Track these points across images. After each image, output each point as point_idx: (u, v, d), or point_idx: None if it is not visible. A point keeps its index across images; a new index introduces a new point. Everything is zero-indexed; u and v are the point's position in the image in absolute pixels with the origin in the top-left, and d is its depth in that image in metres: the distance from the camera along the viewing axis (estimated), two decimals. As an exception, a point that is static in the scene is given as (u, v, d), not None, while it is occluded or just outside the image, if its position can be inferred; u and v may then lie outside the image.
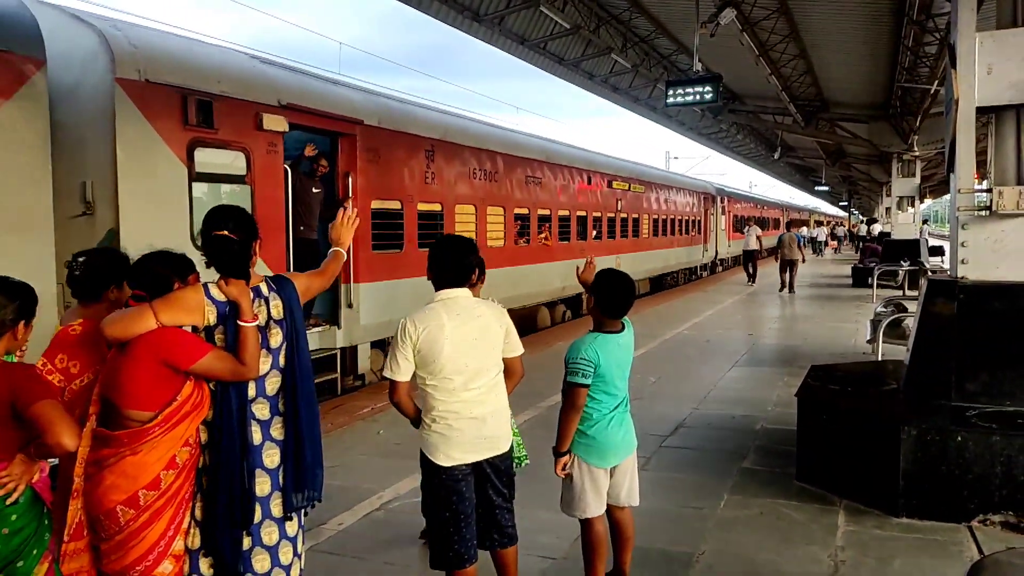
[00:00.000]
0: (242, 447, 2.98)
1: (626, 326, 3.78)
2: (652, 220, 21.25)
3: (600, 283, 3.75)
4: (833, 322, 14.04)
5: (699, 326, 13.83)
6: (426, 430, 3.33)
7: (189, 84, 6.79)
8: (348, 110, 8.77)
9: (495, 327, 3.39)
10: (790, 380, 8.59)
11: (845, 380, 5.98)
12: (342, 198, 8.86)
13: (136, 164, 6.36)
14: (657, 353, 10.85)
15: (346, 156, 8.85)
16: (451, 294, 3.34)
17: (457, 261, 3.37)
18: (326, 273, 3.46)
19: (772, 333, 12.95)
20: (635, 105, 23.76)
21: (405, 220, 9.74)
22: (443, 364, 3.24)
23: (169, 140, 6.62)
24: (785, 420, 6.96)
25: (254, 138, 7.41)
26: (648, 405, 7.76)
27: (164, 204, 6.57)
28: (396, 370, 3.27)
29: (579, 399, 3.58)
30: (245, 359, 2.94)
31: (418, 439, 3.42)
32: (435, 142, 10.45)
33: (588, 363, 3.57)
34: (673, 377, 9.28)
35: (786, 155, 33.02)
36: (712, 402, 8.03)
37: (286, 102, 7.80)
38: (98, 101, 6.27)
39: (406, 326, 3.26)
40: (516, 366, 3.53)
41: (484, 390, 3.33)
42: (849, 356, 10.09)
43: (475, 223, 11.55)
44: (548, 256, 13.95)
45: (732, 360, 10.38)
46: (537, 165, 13.71)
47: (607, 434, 3.67)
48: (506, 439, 3.42)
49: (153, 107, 6.48)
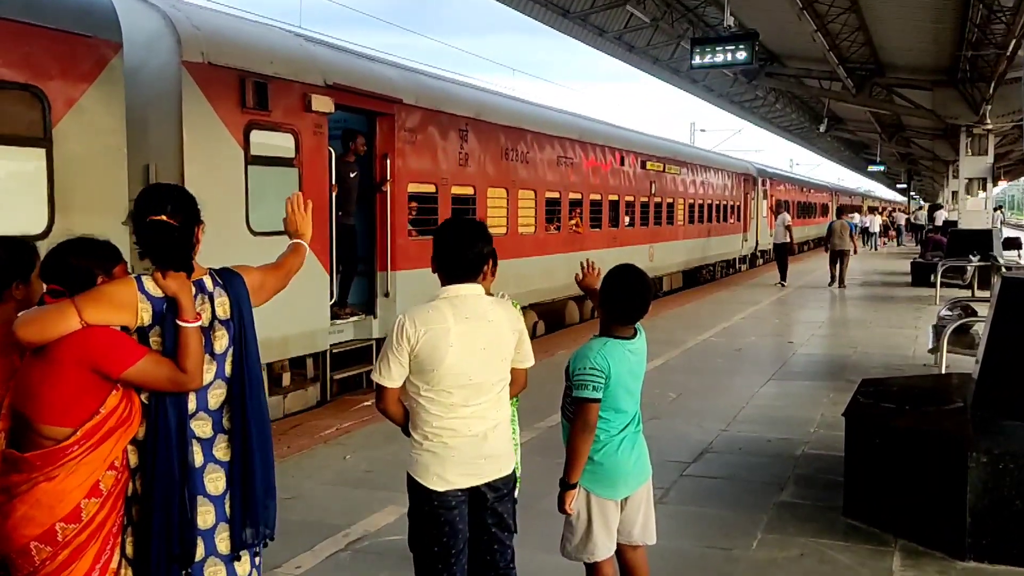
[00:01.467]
0: (181, 470, 2.98)
1: (638, 332, 3.80)
2: (687, 205, 22.23)
3: (613, 282, 3.74)
4: (888, 327, 14.11)
5: (729, 332, 13.88)
6: (416, 448, 3.33)
7: (246, 66, 7.93)
8: (387, 88, 9.89)
9: (507, 334, 3.41)
10: (836, 397, 8.63)
11: (902, 397, 5.99)
12: (379, 181, 9.86)
13: (200, 148, 7.41)
14: (678, 364, 10.85)
15: (384, 137, 9.88)
16: (460, 291, 3.35)
17: (467, 250, 3.36)
18: (283, 269, 3.46)
19: (816, 341, 13.01)
20: (654, 67, 23.81)
21: (440, 204, 10.83)
22: (443, 375, 3.25)
23: (228, 123, 7.73)
24: (830, 444, 6.97)
25: (303, 119, 8.52)
26: (667, 425, 7.77)
27: (224, 188, 7.62)
28: (387, 375, 3.29)
29: (592, 416, 3.57)
30: (186, 365, 2.94)
31: (396, 463, 3.42)
32: (469, 121, 11.58)
33: (598, 373, 3.57)
34: (697, 392, 9.30)
35: (834, 128, 33.18)
36: (744, 422, 8.04)
37: (332, 82, 8.90)
38: (164, 84, 7.31)
39: (404, 325, 3.27)
40: (521, 378, 3.58)
41: (487, 405, 3.35)
42: (907, 368, 10.12)
43: (506, 207, 12.64)
44: (579, 245, 14.97)
45: (768, 372, 10.39)
46: (568, 144, 14.75)
47: (616, 459, 3.67)
48: (509, 458, 3.44)
49: (214, 90, 7.56)
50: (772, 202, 32.28)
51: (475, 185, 11.76)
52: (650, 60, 23.16)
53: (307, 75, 8.64)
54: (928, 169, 46.83)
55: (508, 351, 3.43)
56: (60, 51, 6.17)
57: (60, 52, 6.17)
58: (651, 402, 8.26)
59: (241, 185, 7.86)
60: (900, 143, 34.90)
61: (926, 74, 20.30)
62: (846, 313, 17.18)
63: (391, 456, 6.62)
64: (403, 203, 10.17)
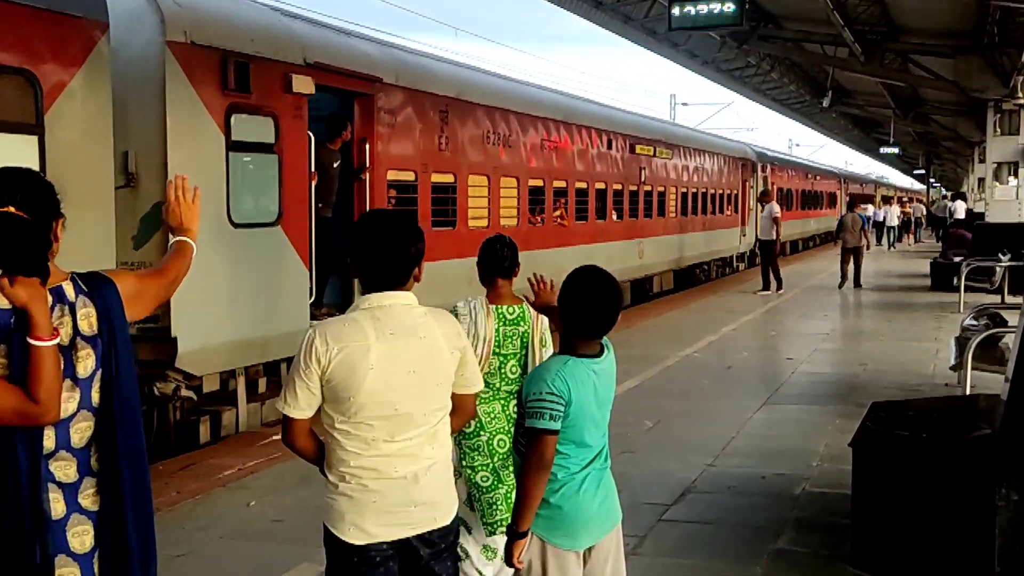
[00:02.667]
0: (35, 522, 2.92)
1: (606, 348, 3.80)
2: (680, 195, 23.33)
3: (574, 288, 3.74)
4: (903, 340, 14.38)
5: (716, 346, 14.03)
6: (331, 492, 3.30)
7: (228, 45, 8.66)
8: (366, 66, 10.68)
9: (444, 353, 3.38)
10: (844, 424, 8.71)
11: (920, 423, 6.09)
12: (358, 168, 10.62)
13: (183, 133, 8.17)
14: (656, 385, 10.90)
15: (363, 119, 10.65)
16: (384, 300, 3.33)
17: (393, 250, 3.35)
18: (166, 275, 3.44)
19: (819, 357, 13.20)
20: (626, 28, 23.96)
21: (419, 194, 11.71)
22: (361, 403, 3.23)
23: (210, 106, 8.45)
24: (836, 481, 7.04)
25: (282, 102, 9.24)
26: (642, 460, 7.79)
27: (205, 177, 8.22)
28: (293, 403, 3.28)
29: (547, 451, 3.56)
30: (39, 394, 2.87)
31: (311, 511, 3.39)
32: (450, 101, 12.47)
33: (557, 399, 3.54)
34: (679, 420, 9.37)
35: (839, 102, 33.70)
36: (734, 456, 8.10)
37: (313, 60, 9.63)
38: (147, 66, 8.04)
39: (313, 342, 3.25)
40: (468, 406, 3.58)
41: (418, 442, 3.33)
42: (925, 389, 10.32)
43: (487, 197, 13.56)
44: (564, 239, 16.09)
45: (762, 395, 10.50)
46: (553, 126, 15.80)
47: (578, 502, 3.65)
48: (448, 506, 3.42)
49: (197, 71, 8.29)
50: (775, 192, 32.90)
51: (455, 172, 12.66)
52: (620, 19, 23.30)
53: (287, 53, 9.39)
54: (950, 152, 47.87)
55: (446, 374, 3.40)
56: (51, 33, 6.86)
57: (51, 34, 6.86)
58: (623, 432, 8.29)
59: (222, 173, 8.58)
60: (917, 121, 35.60)
61: (947, 39, 20.68)
62: (855, 323, 17.45)
63: (305, 502, 6.58)
64: (382, 193, 10.86)
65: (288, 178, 9.29)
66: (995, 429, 5.72)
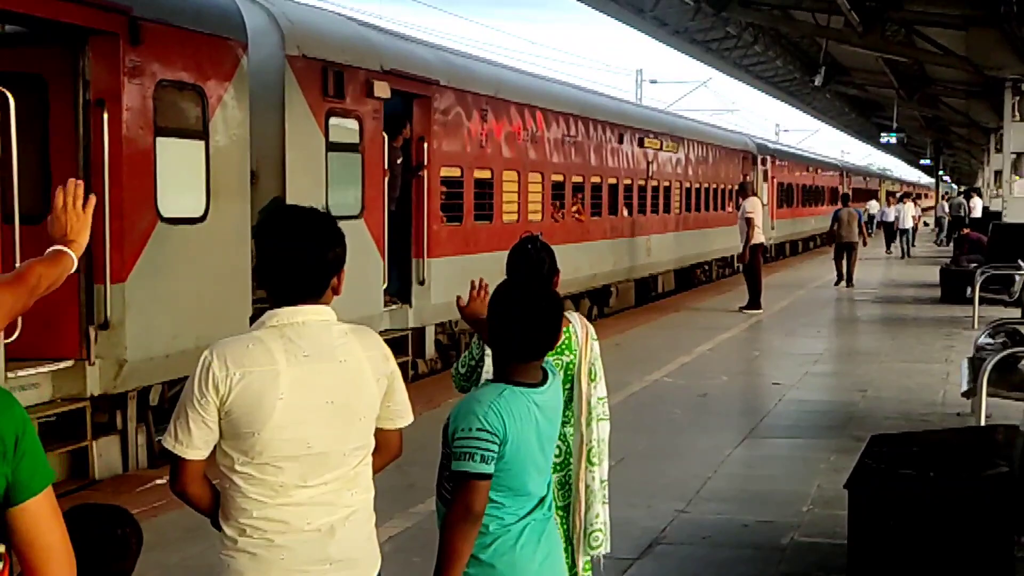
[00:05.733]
0: None
1: (550, 374, 3.81)
2: (684, 190, 26.63)
3: (504, 300, 3.77)
4: (908, 361, 14.63)
5: (689, 369, 14.17)
6: (227, 548, 3.28)
7: (327, 56, 11.68)
8: (426, 70, 13.96)
9: (368, 380, 3.38)
10: (839, 461, 8.78)
11: (926, 459, 6.16)
12: (416, 166, 13.68)
13: (296, 135, 11.10)
14: (618, 417, 10.65)
15: (421, 119, 13.83)
16: (295, 316, 3.32)
17: (306, 255, 3.34)
18: (24, 283, 3.31)
19: (810, 381, 13.38)
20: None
21: (464, 189, 15.03)
22: (267, 441, 3.20)
23: (315, 111, 11.40)
24: (830, 529, 7.09)
25: (365, 106, 12.31)
26: (602, 506, 7.78)
27: (311, 174, 11.37)
28: (186, 441, 3.22)
29: (477, 500, 3.55)
30: None
31: (202, 570, 3.36)
32: (489, 100, 15.74)
33: (489, 438, 3.54)
34: (645, 458, 9.43)
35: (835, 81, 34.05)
36: (710, 500, 8.16)
37: (389, 67, 12.84)
38: (269, 77, 10.87)
39: (210, 366, 3.22)
40: (393, 443, 3.58)
41: (336, 487, 3.31)
42: (934, 420, 10.48)
43: (517, 192, 16.87)
44: (582, 235, 19.41)
45: (743, 428, 10.63)
46: (572, 121, 19.29)
47: (514, 559, 3.64)
48: (369, 564, 3.43)
49: (306, 80, 11.25)
50: (774, 186, 35.11)
51: (492, 168, 15.94)
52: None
53: (369, 62, 12.48)
54: (962, 140, 48.55)
55: (369, 405, 3.39)
56: (212, 54, 9.74)
57: (212, 55, 9.74)
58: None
59: (323, 171, 11.52)
60: (924, 103, 36.05)
61: (958, 7, 20.97)
62: (852, 342, 17.64)
63: (194, 559, 6.54)
64: (436, 188, 14.10)
65: (368, 175, 12.29)
66: (1014, 466, 5.81)
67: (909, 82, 32.28)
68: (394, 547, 6.55)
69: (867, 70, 31.84)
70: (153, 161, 9.05)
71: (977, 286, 18.07)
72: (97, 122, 8.52)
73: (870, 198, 57.81)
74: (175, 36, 9.28)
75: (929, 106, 36.84)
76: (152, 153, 9.03)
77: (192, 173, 9.53)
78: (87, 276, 8.48)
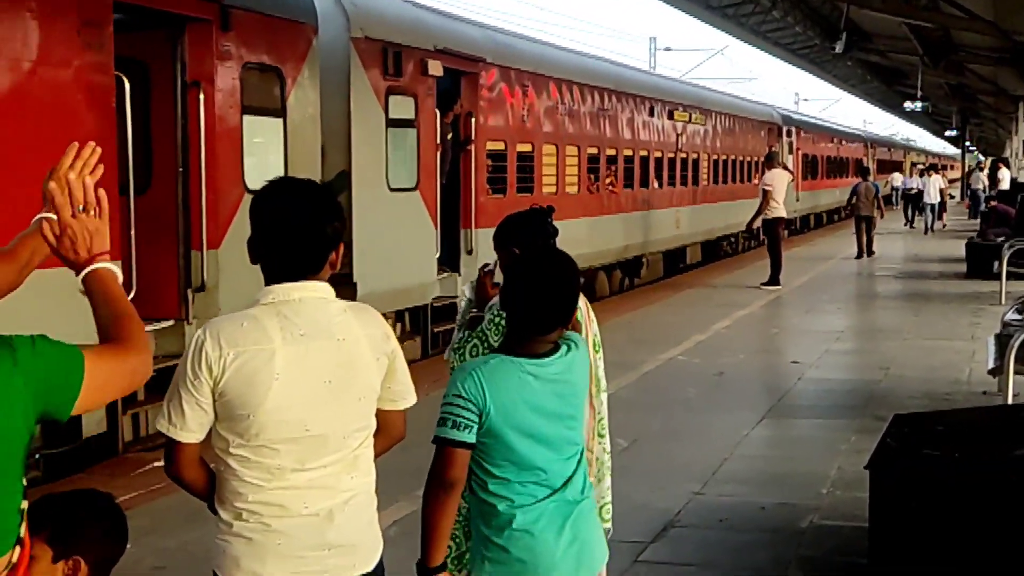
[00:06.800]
0: None
1: (563, 348, 3.72)
2: (712, 162, 28.05)
3: (518, 269, 3.73)
4: (932, 339, 14.56)
5: (705, 347, 14.08)
6: (223, 532, 3.25)
7: (386, 36, 12.78)
8: (473, 48, 15.12)
9: (368, 360, 3.33)
10: (859, 441, 8.75)
11: (951, 439, 6.04)
12: (464, 140, 14.78)
13: (360, 113, 12.27)
14: (631, 397, 10.73)
15: (469, 96, 14.97)
16: (291, 292, 3.27)
17: (304, 229, 3.27)
18: (16, 259, 3.14)
19: (831, 359, 13.30)
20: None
21: (508, 162, 16.28)
22: (263, 423, 3.15)
23: (376, 90, 12.62)
24: (850, 511, 7.04)
25: (420, 83, 13.49)
26: (614, 489, 7.59)
27: (373, 148, 12.55)
28: (180, 423, 3.17)
29: (452, 468, 3.51)
30: None
31: (200, 556, 3.36)
32: (529, 75, 16.92)
33: (466, 405, 3.49)
34: (659, 439, 9.33)
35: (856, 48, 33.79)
36: (726, 482, 8.10)
37: (441, 46, 13.92)
38: (335, 58, 11.88)
39: (203, 346, 3.15)
40: (396, 425, 3.51)
41: (335, 470, 3.27)
42: (959, 398, 10.50)
43: (556, 165, 18.05)
44: (615, 207, 20.85)
45: (761, 408, 10.55)
46: (606, 95, 20.55)
47: (531, 544, 3.54)
48: (370, 550, 3.38)
49: (368, 60, 12.40)
50: (799, 158, 36.15)
51: (533, 142, 17.10)
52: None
53: (423, 41, 13.58)
54: (989, 109, 48.32)
55: (369, 385, 3.34)
56: (288, 37, 10.75)
57: (289, 38, 10.75)
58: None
59: (382, 146, 12.74)
60: (950, 70, 35.71)
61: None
62: (874, 318, 17.56)
63: (192, 545, 6.48)
64: (483, 162, 15.27)
65: (423, 149, 13.46)
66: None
67: (934, 48, 32.00)
68: (400, 531, 6.46)
69: (890, 36, 31.56)
70: (240, 138, 10.01)
71: (1005, 260, 17.80)
72: (193, 102, 9.48)
73: (895, 170, 57.99)
74: (258, 21, 10.26)
75: (955, 73, 36.52)
76: (240, 130, 10.01)
77: (273, 148, 10.57)
78: (185, 243, 9.53)
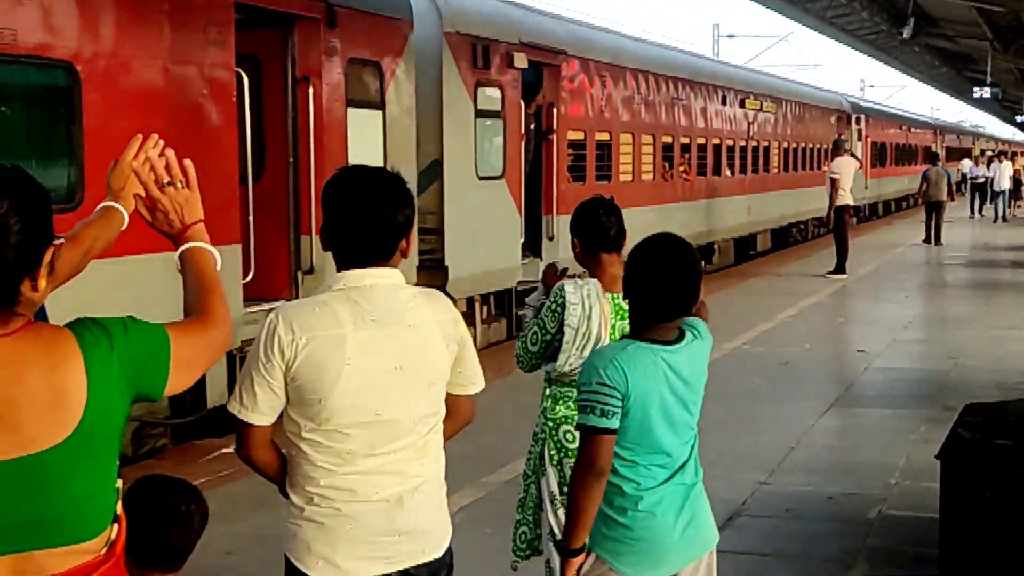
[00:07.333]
0: None
1: (691, 334, 3.76)
2: (782, 149, 28.74)
3: (643, 258, 3.73)
4: (1003, 328, 14.53)
5: (771, 336, 14.09)
6: (295, 517, 3.27)
7: (474, 31, 13.39)
8: (555, 41, 15.70)
9: (438, 346, 3.34)
10: (929, 431, 8.75)
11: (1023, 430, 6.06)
12: (546, 130, 15.38)
13: (451, 104, 12.92)
14: None
15: (551, 87, 15.50)
16: (364, 279, 3.28)
17: (375, 216, 3.27)
18: (80, 245, 3.14)
19: (899, 348, 13.28)
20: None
21: (587, 151, 16.85)
22: (334, 407, 3.17)
23: (466, 82, 13.25)
24: (919, 502, 7.03)
25: (506, 75, 14.11)
26: (680, 478, 7.75)
27: (462, 139, 13.20)
28: (251, 406, 3.20)
29: (601, 455, 3.55)
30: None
31: (270, 540, 3.40)
32: (608, 67, 17.55)
33: (611, 392, 3.52)
34: (724, 428, 9.20)
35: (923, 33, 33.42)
36: (793, 472, 8.12)
37: (526, 40, 14.57)
38: (429, 52, 12.54)
39: (275, 329, 3.18)
40: (465, 410, 3.55)
41: (405, 456, 3.29)
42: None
43: (632, 154, 18.63)
44: (688, 194, 21.53)
45: (828, 397, 10.55)
46: (680, 84, 21.23)
47: (653, 525, 3.62)
48: (439, 535, 3.39)
49: (458, 55, 13.04)
50: (868, 146, 36.46)
51: (611, 131, 17.67)
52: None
53: (509, 35, 14.24)
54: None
55: (439, 371, 3.35)
56: (387, 33, 11.42)
57: (387, 34, 11.43)
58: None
59: (471, 136, 13.35)
60: (1020, 55, 35.29)
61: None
62: (943, 307, 17.47)
63: (263, 529, 6.56)
64: (564, 150, 15.86)
65: (509, 139, 14.15)
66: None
67: (1004, 33, 31.52)
68: (465, 517, 6.52)
69: (959, 21, 31.15)
70: (345, 129, 10.58)
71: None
72: (303, 96, 10.08)
73: (963, 157, 57.20)
74: (360, 19, 10.86)
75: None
76: (344, 122, 10.57)
77: (373, 139, 11.10)
78: (295, 228, 10.15)
